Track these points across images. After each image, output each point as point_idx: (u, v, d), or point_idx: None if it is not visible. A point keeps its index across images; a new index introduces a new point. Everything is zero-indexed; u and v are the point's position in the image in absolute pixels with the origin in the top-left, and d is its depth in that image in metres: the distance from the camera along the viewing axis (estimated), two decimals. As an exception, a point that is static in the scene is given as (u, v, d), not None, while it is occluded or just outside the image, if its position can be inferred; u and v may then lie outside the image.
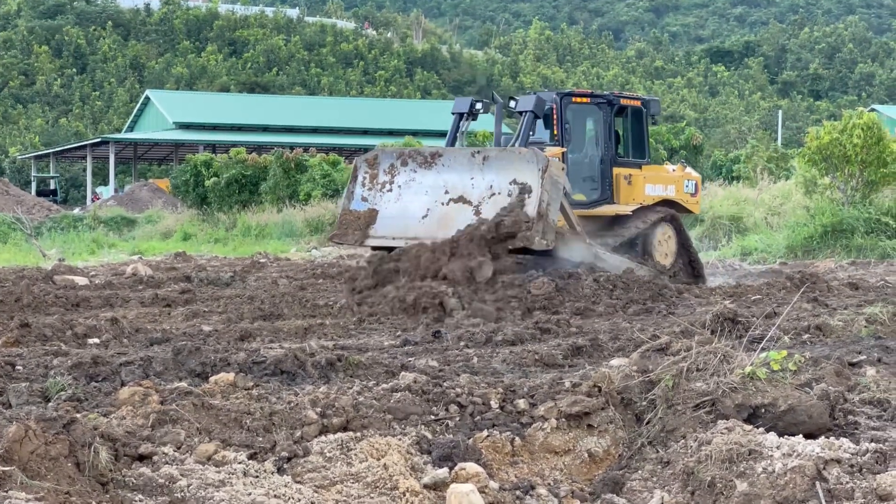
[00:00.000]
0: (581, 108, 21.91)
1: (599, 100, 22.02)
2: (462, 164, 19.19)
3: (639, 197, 21.91)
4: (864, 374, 9.98)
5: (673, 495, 7.17)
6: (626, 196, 21.81)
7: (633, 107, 22.35)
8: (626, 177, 21.80)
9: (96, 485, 6.50)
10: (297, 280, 21.39)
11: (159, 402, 7.85)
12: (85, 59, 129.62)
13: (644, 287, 17.95)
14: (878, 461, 6.81)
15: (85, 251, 35.02)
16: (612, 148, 21.78)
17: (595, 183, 21.77)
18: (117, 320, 14.06)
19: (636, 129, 22.44)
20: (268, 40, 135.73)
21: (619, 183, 21.79)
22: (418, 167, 19.62)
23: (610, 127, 21.86)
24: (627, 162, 22.06)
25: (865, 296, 17.99)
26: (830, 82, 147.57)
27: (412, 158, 19.80)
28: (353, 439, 7.55)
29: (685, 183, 22.85)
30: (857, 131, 31.58)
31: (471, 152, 19.37)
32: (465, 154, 19.40)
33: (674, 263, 22.15)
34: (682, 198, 22.66)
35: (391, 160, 19.98)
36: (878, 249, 29.49)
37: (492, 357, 11.87)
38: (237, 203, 46.71)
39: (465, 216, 18.51)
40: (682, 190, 22.68)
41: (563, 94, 21.57)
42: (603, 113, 21.85)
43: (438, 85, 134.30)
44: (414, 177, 19.59)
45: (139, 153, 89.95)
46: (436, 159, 19.54)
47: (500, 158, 18.91)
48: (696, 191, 23.16)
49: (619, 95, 22.43)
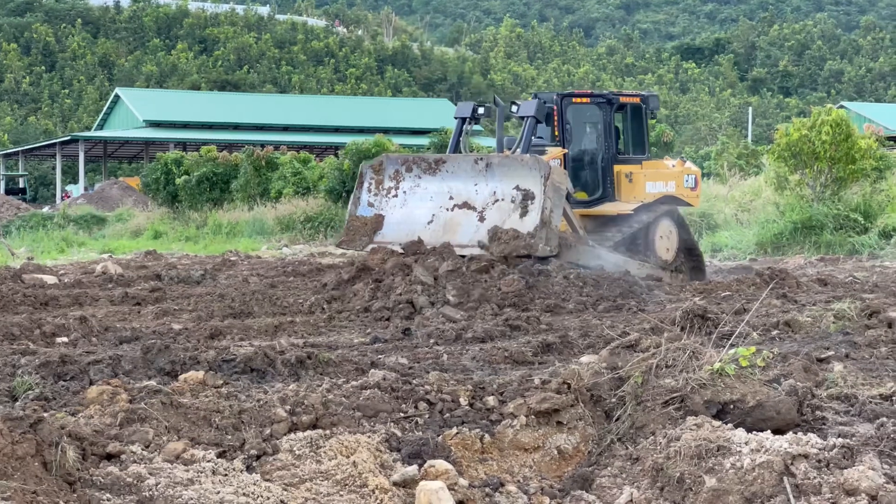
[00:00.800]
0: (581, 108, 22.25)
1: (599, 99, 22.28)
2: (465, 170, 19.53)
3: (639, 195, 22.14)
4: (832, 370, 10.03)
5: (642, 491, 7.18)
6: (627, 194, 22.05)
7: (633, 104, 22.58)
8: (626, 174, 22.04)
9: (64, 484, 6.47)
10: (268, 278, 21.34)
11: (128, 400, 7.82)
12: (54, 57, 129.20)
13: (614, 284, 17.97)
14: (845, 456, 6.83)
15: (54, 250, 34.88)
16: (612, 146, 22.03)
17: (596, 181, 22.00)
18: (86, 319, 14.00)
19: (636, 126, 22.70)
20: (238, 38, 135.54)
21: (621, 181, 22.05)
22: (423, 173, 19.98)
23: (610, 125, 22.12)
24: (628, 159, 22.30)
25: (834, 292, 18.05)
26: (800, 79, 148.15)
27: (416, 165, 20.13)
28: (322, 437, 7.54)
29: (685, 178, 23.08)
30: (826, 128, 31.68)
31: (474, 159, 19.74)
32: (468, 161, 19.73)
33: (675, 258, 22.37)
34: (683, 192, 22.90)
35: (396, 166, 20.28)
36: (846, 245, 29.59)
37: (461, 354, 11.86)
38: (208, 201, 46.60)
39: (470, 222, 18.85)
40: (683, 185, 22.93)
41: (563, 95, 21.93)
42: (603, 112, 22.10)
43: (409, 82, 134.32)
44: (419, 182, 19.94)
45: (109, 151, 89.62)
46: (440, 166, 19.91)
47: (503, 165, 19.20)
48: (696, 185, 23.41)
49: (619, 94, 22.69)
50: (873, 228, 30.10)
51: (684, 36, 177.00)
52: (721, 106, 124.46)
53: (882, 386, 9.45)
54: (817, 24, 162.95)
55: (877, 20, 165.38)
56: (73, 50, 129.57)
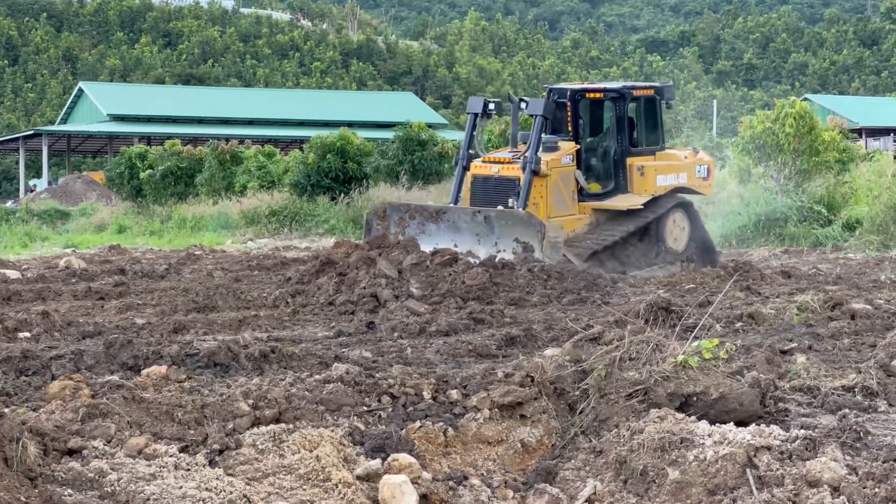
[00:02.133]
0: (594, 104, 22.54)
1: (612, 94, 22.45)
2: (466, 222, 20.36)
3: (650, 188, 22.39)
4: (795, 362, 10.06)
5: (605, 484, 7.19)
6: (639, 187, 22.32)
7: (647, 96, 22.77)
8: (639, 168, 22.31)
9: (25, 480, 6.43)
10: (233, 272, 21.29)
11: (90, 395, 7.79)
12: (17, 51, 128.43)
13: (578, 277, 18.00)
14: (807, 448, 6.86)
15: (17, 244, 34.66)
16: (625, 140, 22.29)
17: (609, 175, 22.33)
18: (49, 314, 13.94)
19: (650, 118, 22.92)
20: (202, 32, 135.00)
21: (633, 174, 22.32)
22: (426, 221, 20.80)
23: (623, 119, 22.36)
24: (641, 151, 22.52)
25: (797, 284, 18.12)
26: (764, 72, 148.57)
27: (419, 213, 21.04)
28: (285, 431, 7.52)
29: (697, 168, 23.32)
30: (790, 120, 31.80)
31: (472, 213, 20.47)
32: (467, 213, 20.52)
33: (686, 248, 22.55)
34: (695, 183, 23.15)
35: (399, 214, 21.19)
36: (810, 237, 29.70)
37: (425, 348, 11.87)
38: (172, 195, 46.41)
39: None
40: (695, 175, 23.20)
41: (576, 91, 22.29)
42: (616, 106, 22.29)
43: (374, 76, 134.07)
44: (423, 230, 20.68)
45: (73, 145, 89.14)
46: (441, 216, 20.76)
47: (501, 219, 20.04)
48: (709, 174, 23.68)
49: (632, 87, 22.91)
50: (837, 220, 30.23)
51: (649, 29, 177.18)
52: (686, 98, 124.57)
53: (844, 377, 9.49)
54: (781, 16, 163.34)
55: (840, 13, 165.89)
56: (36, 44, 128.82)
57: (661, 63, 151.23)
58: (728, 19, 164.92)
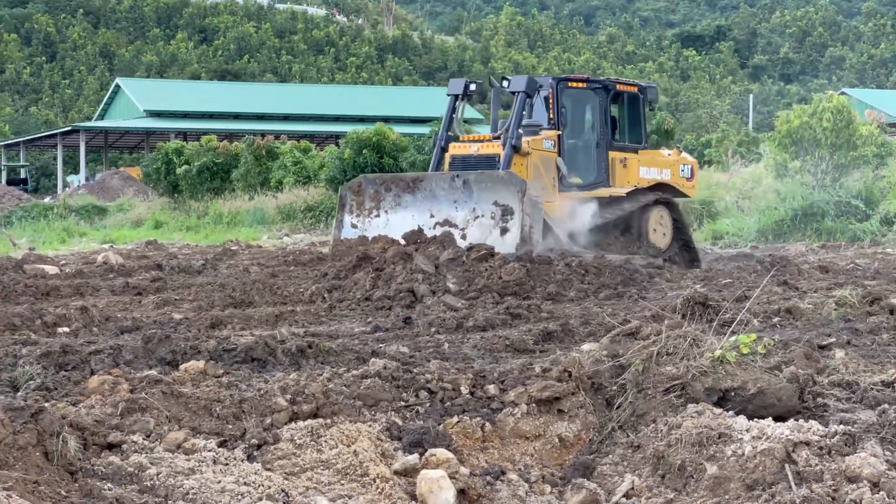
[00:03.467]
0: (577, 93, 22.31)
1: (595, 85, 22.34)
2: (443, 188, 19.72)
3: (633, 179, 22.27)
4: (834, 357, 10.01)
5: (643, 479, 7.18)
6: (621, 179, 22.19)
7: (630, 93, 22.68)
8: (621, 160, 22.18)
9: (65, 474, 6.46)
10: (269, 267, 21.33)
11: (129, 390, 7.82)
12: (55, 48, 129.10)
13: (615, 272, 17.97)
14: (846, 443, 6.83)
15: (55, 240, 34.89)
16: (607, 132, 22.13)
17: (590, 166, 22.03)
18: (87, 309, 13.99)
19: (632, 115, 22.79)
20: (238, 27, 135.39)
21: (615, 166, 22.16)
22: (402, 192, 20.16)
23: (606, 112, 22.19)
24: (623, 146, 22.38)
25: (835, 278, 18.04)
26: (801, 66, 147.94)
27: (395, 184, 20.35)
28: (323, 426, 7.53)
29: (680, 167, 23.17)
30: (827, 115, 31.69)
31: (451, 176, 19.87)
32: (445, 179, 19.88)
33: (669, 246, 22.38)
34: (678, 182, 22.98)
35: (375, 187, 20.51)
36: (847, 232, 29.60)
37: (462, 343, 11.86)
38: (208, 191, 46.59)
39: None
40: (678, 174, 23.02)
41: (559, 80, 21.99)
42: (599, 98, 22.19)
43: (409, 71, 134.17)
44: (399, 202, 20.12)
45: (110, 141, 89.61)
46: (418, 185, 20.07)
47: (480, 182, 19.38)
48: (692, 175, 23.48)
49: (616, 81, 22.80)
50: (875, 215, 30.12)
51: (685, 23, 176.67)
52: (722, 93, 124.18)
53: (884, 373, 9.44)
54: (818, 10, 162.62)
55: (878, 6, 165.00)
56: (73, 40, 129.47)
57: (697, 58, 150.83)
58: (764, 13, 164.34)
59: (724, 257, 25.13)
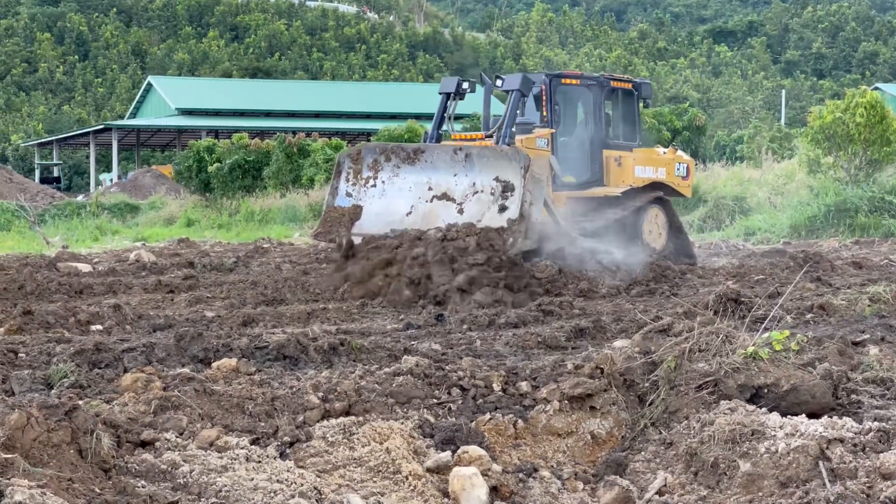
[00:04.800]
0: (571, 90, 21.76)
1: (589, 81, 21.88)
2: (445, 161, 18.95)
3: (628, 179, 21.77)
4: (868, 353, 9.96)
5: (676, 476, 7.16)
6: (616, 178, 21.69)
7: (624, 89, 22.23)
8: (616, 159, 21.69)
9: (99, 471, 6.49)
10: (301, 265, 21.37)
11: (162, 388, 7.85)
12: (87, 46, 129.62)
13: (647, 268, 17.93)
14: (881, 440, 6.80)
15: (88, 238, 35.00)
16: (602, 130, 21.65)
17: (585, 164, 21.67)
18: (120, 307, 14.04)
19: (627, 112, 22.31)
20: (269, 25, 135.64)
21: (609, 165, 21.66)
22: (401, 163, 19.41)
23: (600, 109, 21.71)
24: (618, 144, 21.93)
25: (869, 275, 17.96)
26: (834, 61, 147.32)
27: (395, 154, 19.59)
28: (355, 423, 7.55)
29: (676, 166, 22.71)
30: (860, 110, 31.56)
31: (453, 149, 19.11)
32: (447, 151, 19.14)
33: (664, 246, 22.07)
34: (673, 181, 22.53)
35: (374, 155, 19.74)
36: (881, 228, 29.47)
37: (494, 340, 11.86)
38: (240, 188, 46.67)
39: (449, 213, 18.28)
40: (674, 173, 22.56)
41: (552, 76, 21.50)
42: (593, 95, 21.70)
43: (441, 68, 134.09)
44: (398, 172, 19.38)
45: (142, 140, 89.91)
46: (419, 156, 19.36)
47: (483, 156, 18.63)
48: (688, 174, 23.01)
49: (610, 77, 22.32)
50: (908, 211, 29.99)
51: (716, 19, 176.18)
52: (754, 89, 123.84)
53: (918, 369, 9.39)
54: (851, 5, 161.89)
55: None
56: (105, 39, 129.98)
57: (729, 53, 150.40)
58: (797, 8, 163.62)
59: (756, 253, 25.01)
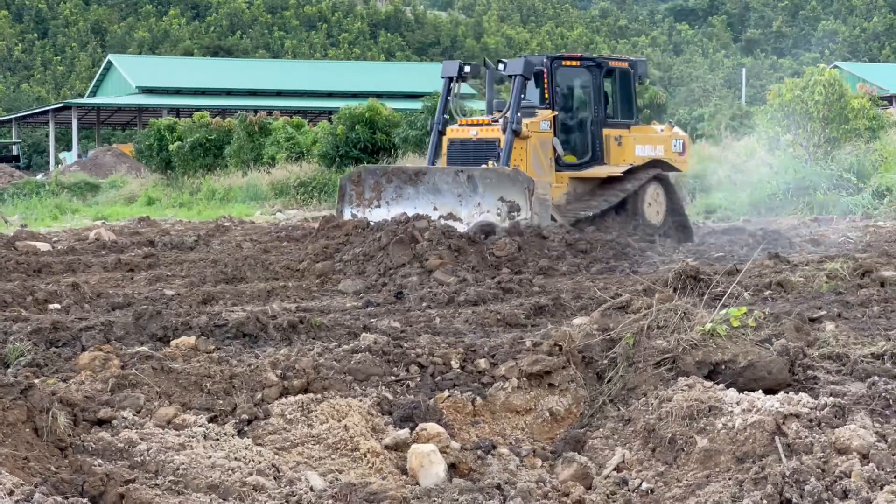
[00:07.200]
0: (571, 71, 22.26)
1: (589, 62, 22.32)
2: (447, 182, 19.60)
3: (629, 157, 22.22)
4: (824, 330, 10.02)
5: (634, 452, 7.19)
6: (616, 157, 22.14)
7: (621, 68, 22.65)
8: (616, 138, 22.12)
9: (55, 450, 6.47)
10: (262, 243, 21.32)
11: (120, 366, 7.82)
12: (46, 24, 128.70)
13: (607, 246, 17.98)
14: (836, 415, 6.84)
15: (48, 217, 34.80)
16: (601, 110, 22.10)
17: (585, 144, 22.02)
18: (78, 285, 13.99)
19: (624, 90, 22.74)
20: (230, 3, 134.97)
21: (610, 144, 22.11)
22: (403, 184, 20.01)
23: (599, 89, 22.17)
24: (617, 123, 22.35)
25: (827, 252, 18.06)
26: (794, 40, 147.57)
27: (396, 176, 20.19)
28: (313, 401, 7.54)
29: (673, 142, 23.16)
30: (819, 88, 31.69)
31: (454, 171, 19.74)
32: (448, 174, 19.76)
33: (664, 222, 22.37)
34: (671, 157, 22.98)
35: (375, 178, 20.36)
36: (840, 205, 29.59)
37: (454, 317, 11.87)
38: (201, 167, 46.48)
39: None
40: (671, 149, 23.02)
41: (552, 58, 21.95)
42: (592, 75, 22.12)
43: (402, 47, 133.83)
44: (401, 193, 19.98)
45: (102, 118, 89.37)
46: (420, 178, 19.94)
47: (485, 177, 19.32)
48: (684, 150, 23.48)
49: (608, 58, 22.79)
50: (867, 188, 30.12)
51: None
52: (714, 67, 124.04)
53: (874, 345, 9.45)
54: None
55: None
56: (65, 17, 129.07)
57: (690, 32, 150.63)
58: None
59: (716, 231, 25.08)
